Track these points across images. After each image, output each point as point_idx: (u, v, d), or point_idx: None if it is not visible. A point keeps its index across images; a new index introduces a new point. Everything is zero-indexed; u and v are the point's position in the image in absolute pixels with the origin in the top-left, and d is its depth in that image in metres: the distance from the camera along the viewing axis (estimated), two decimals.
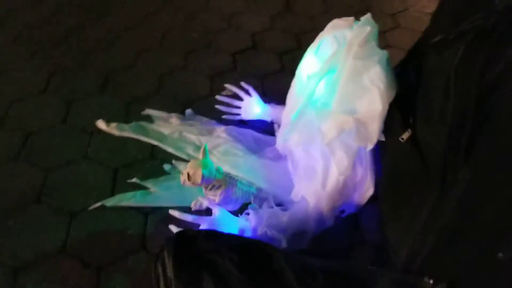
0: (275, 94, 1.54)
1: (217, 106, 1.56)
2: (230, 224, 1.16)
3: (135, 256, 1.13)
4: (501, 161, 0.78)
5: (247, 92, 1.56)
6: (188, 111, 1.56)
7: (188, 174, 1.13)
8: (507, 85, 0.78)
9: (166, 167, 1.36)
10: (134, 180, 1.31)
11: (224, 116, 1.54)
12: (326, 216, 1.16)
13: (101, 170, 1.36)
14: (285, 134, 1.27)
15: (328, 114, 1.10)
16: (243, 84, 1.58)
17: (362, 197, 1.18)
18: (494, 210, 0.79)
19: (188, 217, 1.16)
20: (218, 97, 1.59)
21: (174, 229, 1.15)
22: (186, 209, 1.22)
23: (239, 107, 1.55)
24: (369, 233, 1.17)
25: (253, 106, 1.54)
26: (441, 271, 0.90)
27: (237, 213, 1.20)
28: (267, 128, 1.51)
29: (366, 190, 1.16)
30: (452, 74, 0.82)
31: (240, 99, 1.56)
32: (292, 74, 1.31)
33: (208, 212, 1.20)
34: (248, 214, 1.17)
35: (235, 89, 1.59)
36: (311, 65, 1.19)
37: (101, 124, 1.49)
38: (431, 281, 0.94)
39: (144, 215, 1.23)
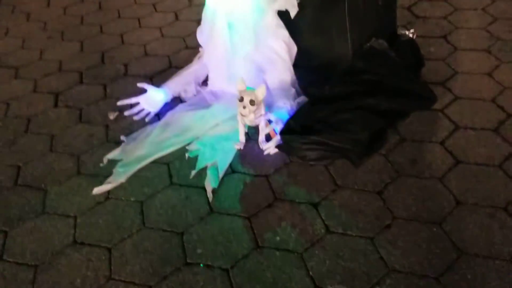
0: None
1: (127, 113, 1.68)
2: (284, 117, 1.47)
3: None
4: None
5: (141, 92, 1.68)
6: (123, 137, 1.57)
7: (251, 100, 1.35)
8: None
9: (190, 154, 1.47)
10: (193, 174, 1.38)
11: (136, 117, 1.66)
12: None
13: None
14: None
15: (264, 12, 1.54)
16: (137, 84, 1.69)
17: (294, 53, 1.68)
18: None
19: (270, 143, 1.46)
20: (119, 103, 1.72)
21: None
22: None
23: (138, 103, 1.70)
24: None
25: (154, 97, 1.69)
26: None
27: None
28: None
29: (293, 47, 1.67)
30: None
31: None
32: None
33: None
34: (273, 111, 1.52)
35: (126, 101, 1.68)
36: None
37: (98, 189, 1.38)
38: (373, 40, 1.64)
39: None
